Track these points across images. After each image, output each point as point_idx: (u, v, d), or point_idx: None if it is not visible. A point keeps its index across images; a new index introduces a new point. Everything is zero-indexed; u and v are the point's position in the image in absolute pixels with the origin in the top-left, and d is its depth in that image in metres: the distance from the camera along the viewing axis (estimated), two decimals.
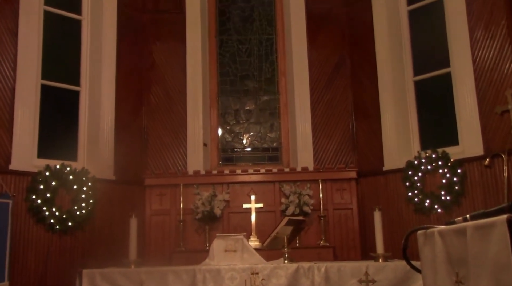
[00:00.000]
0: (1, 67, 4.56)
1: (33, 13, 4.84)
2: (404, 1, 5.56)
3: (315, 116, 5.67)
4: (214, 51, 6.04)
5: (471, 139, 4.73)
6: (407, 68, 5.45)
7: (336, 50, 5.83)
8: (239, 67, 6.06)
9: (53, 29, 5.19)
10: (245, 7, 6.21)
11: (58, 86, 5.13)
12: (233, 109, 5.98)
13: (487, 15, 4.69)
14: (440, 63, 5.20)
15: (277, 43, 6.06)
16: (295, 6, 5.90)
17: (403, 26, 5.53)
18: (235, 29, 6.15)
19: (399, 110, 5.37)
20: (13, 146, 4.50)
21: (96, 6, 5.45)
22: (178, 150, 5.56)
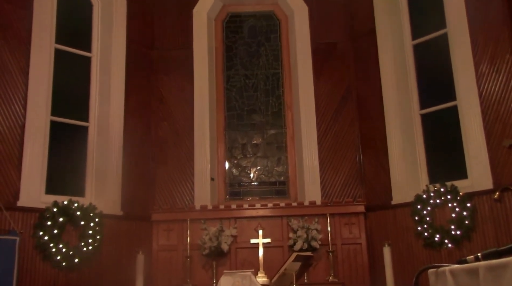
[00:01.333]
0: (12, 105, 4.64)
1: (44, 52, 4.95)
2: (409, 35, 5.63)
3: (322, 149, 5.68)
4: (221, 86, 6.11)
5: (480, 172, 4.70)
6: (414, 101, 5.47)
7: (342, 84, 5.88)
8: (246, 101, 6.12)
9: (63, 66, 5.28)
10: (251, 42, 6.31)
11: (67, 122, 5.19)
12: (240, 143, 6.00)
13: (492, 48, 4.73)
14: (446, 97, 5.22)
15: (283, 78, 6.12)
16: (301, 41, 5.99)
17: (408, 60, 5.58)
18: (242, 64, 6.24)
19: (406, 143, 5.37)
20: (22, 182, 4.53)
21: (106, 43, 5.56)
22: (185, 185, 5.56)
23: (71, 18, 5.47)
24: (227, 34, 6.29)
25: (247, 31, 6.33)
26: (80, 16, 5.58)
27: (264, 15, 6.33)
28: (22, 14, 4.85)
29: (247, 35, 6.32)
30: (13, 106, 4.64)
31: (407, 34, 5.64)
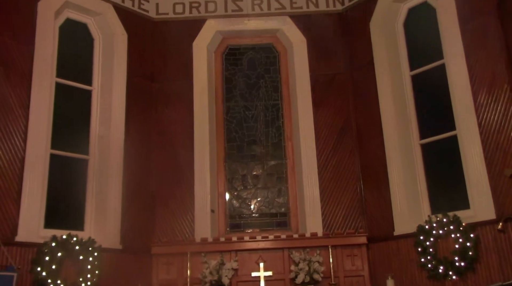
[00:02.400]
0: (12, 139, 4.64)
1: (45, 86, 4.99)
2: (407, 66, 5.68)
3: (323, 180, 5.65)
4: (221, 117, 6.13)
5: (482, 202, 4.66)
6: (413, 131, 5.48)
7: (342, 114, 5.90)
8: (246, 132, 6.12)
9: (64, 100, 5.31)
10: (251, 74, 6.36)
11: (67, 155, 5.18)
12: (241, 174, 5.98)
13: (489, 78, 4.76)
14: (445, 126, 5.22)
15: (283, 109, 6.15)
16: (300, 73, 6.04)
17: (407, 91, 5.61)
18: (241, 96, 6.27)
19: (407, 174, 5.35)
20: (20, 217, 4.50)
21: (107, 77, 5.61)
22: (185, 217, 5.52)
23: (72, 52, 5.53)
24: (227, 66, 6.35)
25: (247, 63, 6.39)
26: (81, 50, 5.65)
27: (263, 48, 6.41)
28: (24, 49, 4.91)
29: (246, 67, 6.38)
30: (13, 140, 4.65)
31: (404, 65, 5.69)
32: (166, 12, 6.21)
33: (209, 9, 6.24)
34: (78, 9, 5.55)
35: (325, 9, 6.25)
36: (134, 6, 5.98)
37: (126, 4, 5.91)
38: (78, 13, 5.59)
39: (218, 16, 6.23)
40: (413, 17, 5.74)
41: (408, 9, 5.76)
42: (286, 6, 6.25)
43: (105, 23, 5.71)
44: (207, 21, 6.21)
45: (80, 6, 5.54)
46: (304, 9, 6.24)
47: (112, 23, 5.73)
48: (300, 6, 6.25)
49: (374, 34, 5.84)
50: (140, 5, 6.05)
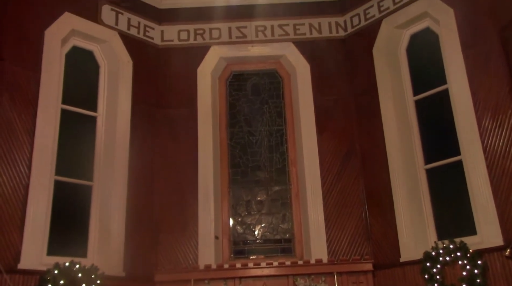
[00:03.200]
0: (17, 166, 4.65)
1: (50, 112, 5.02)
2: (410, 91, 5.69)
3: (327, 206, 5.61)
4: (225, 143, 6.13)
5: (489, 228, 4.60)
6: (418, 156, 5.45)
7: (346, 139, 5.89)
8: (250, 158, 6.11)
9: (69, 126, 5.34)
10: (255, 100, 6.39)
11: (71, 181, 5.18)
12: (245, 200, 5.95)
13: (493, 104, 4.76)
14: (450, 151, 5.20)
15: (287, 134, 6.15)
16: (303, 98, 6.06)
17: (411, 115, 5.61)
18: (245, 121, 6.29)
19: (412, 199, 5.30)
20: (24, 244, 4.47)
21: (112, 103, 5.65)
22: (189, 244, 5.47)
23: (78, 78, 5.59)
24: (231, 92, 6.38)
25: (251, 89, 6.43)
26: (87, 77, 5.70)
27: (267, 73, 6.45)
28: (31, 76, 4.97)
29: (250, 92, 6.41)
30: (18, 166, 4.66)
31: (408, 90, 5.71)
32: (171, 39, 6.29)
33: (213, 36, 6.31)
34: (84, 37, 5.63)
35: (328, 35, 6.32)
36: (139, 33, 6.06)
37: (132, 31, 5.99)
38: (84, 41, 5.67)
39: (223, 42, 6.30)
40: (415, 42, 5.79)
41: (410, 35, 5.81)
42: (289, 33, 6.32)
43: (110, 50, 5.78)
44: (212, 48, 6.27)
45: (86, 34, 5.62)
46: (307, 35, 6.30)
47: (118, 50, 5.80)
48: (303, 33, 6.32)
49: (377, 60, 5.87)
50: (145, 33, 6.13)
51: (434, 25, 5.53)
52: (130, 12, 6.01)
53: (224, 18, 6.32)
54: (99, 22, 5.72)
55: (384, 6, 5.90)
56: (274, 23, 6.36)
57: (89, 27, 5.61)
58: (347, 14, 6.28)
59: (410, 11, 5.66)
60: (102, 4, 5.79)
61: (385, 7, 5.89)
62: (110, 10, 5.84)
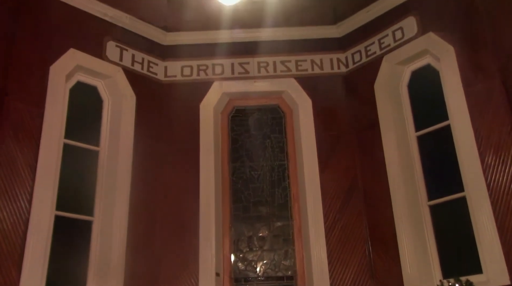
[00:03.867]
0: (18, 201, 4.62)
1: (53, 147, 5.03)
2: (412, 127, 5.70)
3: (330, 242, 5.54)
4: (227, 178, 6.11)
5: (495, 267, 4.53)
6: (421, 192, 5.42)
7: (348, 175, 5.86)
8: (252, 193, 6.08)
9: (71, 160, 5.33)
10: (257, 134, 6.40)
11: (72, 216, 5.14)
12: (246, 236, 5.88)
13: (496, 140, 4.76)
14: (454, 188, 5.16)
15: (289, 169, 6.13)
16: (306, 133, 6.08)
17: (413, 151, 5.60)
18: (247, 156, 6.29)
19: (416, 236, 5.24)
20: (21, 281, 4.39)
21: (114, 138, 5.66)
22: (189, 281, 5.37)
23: (81, 113, 5.62)
24: (233, 127, 6.41)
25: (253, 124, 6.45)
26: (90, 111, 5.74)
27: (269, 108, 6.48)
28: (34, 111, 4.99)
29: (252, 127, 6.43)
30: (19, 202, 4.63)
31: (410, 125, 5.72)
32: (174, 75, 6.35)
33: (216, 72, 6.39)
34: (89, 72, 5.69)
35: (329, 71, 6.39)
36: (143, 69, 6.14)
37: (136, 67, 6.07)
38: (89, 76, 5.72)
39: (225, 78, 6.36)
40: (416, 79, 5.84)
41: (411, 72, 5.87)
42: (291, 69, 6.39)
43: (114, 85, 5.84)
44: (214, 83, 6.34)
45: (91, 70, 5.68)
46: (309, 71, 6.37)
47: (121, 86, 5.86)
48: (305, 69, 6.39)
49: (379, 96, 5.91)
50: (149, 68, 6.20)
51: (434, 62, 5.59)
52: (134, 48, 6.11)
53: (227, 54, 6.40)
54: (104, 58, 5.79)
55: (384, 43, 5.98)
56: (276, 59, 6.44)
57: (93, 63, 5.68)
58: (348, 50, 6.36)
59: (411, 48, 5.73)
60: (107, 40, 5.88)
61: (385, 44, 5.97)
62: (115, 47, 5.92)
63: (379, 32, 6.05)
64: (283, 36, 6.49)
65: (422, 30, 5.64)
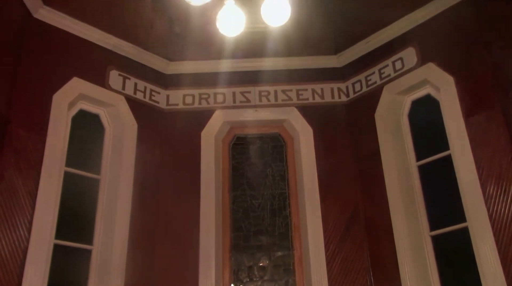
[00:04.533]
0: (17, 230, 4.59)
1: (54, 175, 5.02)
2: (413, 156, 5.70)
3: (331, 272, 5.47)
4: (228, 206, 6.08)
5: None
6: (423, 222, 5.38)
7: (349, 204, 5.83)
8: (253, 222, 6.04)
9: (71, 188, 5.32)
10: (258, 163, 6.40)
11: (71, 245, 5.10)
12: (247, 266, 5.82)
13: (497, 171, 4.74)
14: (456, 218, 5.12)
15: (290, 198, 6.11)
16: (307, 162, 6.07)
17: (415, 181, 5.58)
18: (248, 185, 6.27)
19: (418, 266, 5.17)
20: None
21: (115, 166, 5.67)
22: None
23: (83, 141, 5.64)
24: (234, 155, 6.41)
25: (254, 152, 6.45)
26: (91, 139, 5.75)
27: (270, 137, 6.50)
28: (36, 139, 5.01)
29: (253, 156, 6.43)
30: (18, 230, 4.60)
31: (411, 155, 5.71)
32: (176, 103, 6.40)
33: (218, 101, 6.43)
34: (91, 101, 5.74)
35: (330, 100, 6.43)
36: (145, 97, 6.18)
37: (138, 95, 6.12)
38: (91, 105, 5.77)
39: (227, 107, 6.40)
40: (417, 108, 5.86)
41: (411, 101, 5.90)
42: (292, 98, 6.43)
43: (116, 114, 5.88)
44: (216, 112, 6.37)
45: (93, 98, 5.73)
46: (310, 101, 6.41)
47: (123, 114, 5.90)
48: (306, 98, 6.43)
49: (379, 125, 5.93)
50: (151, 97, 6.25)
51: (434, 92, 5.63)
52: (137, 77, 6.17)
53: (228, 83, 6.46)
54: (107, 87, 5.85)
55: (385, 73, 6.04)
56: (277, 88, 6.49)
57: (96, 91, 5.72)
58: (348, 80, 6.42)
59: (411, 78, 5.78)
60: (111, 69, 5.94)
61: (386, 74, 6.03)
62: (117, 75, 5.99)
63: (379, 62, 6.11)
64: (284, 66, 6.55)
65: (422, 61, 5.70)
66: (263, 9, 3.63)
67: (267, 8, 3.63)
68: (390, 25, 6.02)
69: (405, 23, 5.89)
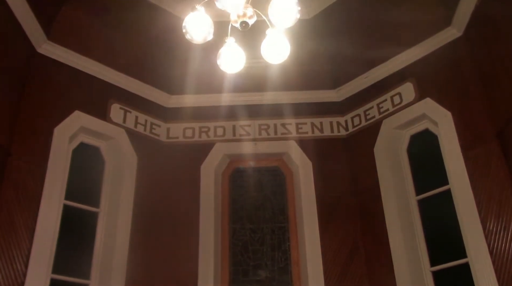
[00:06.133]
0: (14, 263, 4.55)
1: (53, 208, 5.01)
2: (413, 190, 5.69)
3: None
4: (227, 240, 6.04)
5: None
6: (423, 257, 5.34)
7: (349, 238, 5.79)
8: (252, 256, 5.99)
9: (70, 222, 5.30)
10: (257, 196, 6.39)
11: (67, 280, 5.04)
12: None
13: (496, 206, 4.73)
14: (456, 253, 5.08)
15: (289, 232, 6.07)
16: (306, 195, 6.06)
17: (414, 215, 5.57)
18: (247, 218, 6.24)
19: None
20: None
21: (114, 199, 5.67)
22: None
23: (83, 174, 5.64)
24: (233, 188, 6.40)
25: (253, 185, 6.45)
26: (91, 172, 5.76)
27: (270, 170, 6.51)
28: (36, 172, 5.02)
29: (253, 189, 6.42)
30: (15, 264, 4.56)
31: (410, 189, 5.71)
32: (176, 136, 6.44)
33: (217, 134, 6.47)
34: (92, 134, 5.77)
35: (329, 134, 6.46)
36: (145, 130, 6.22)
37: (138, 129, 6.16)
38: (92, 138, 5.80)
39: (226, 140, 6.44)
40: (415, 143, 5.90)
41: (410, 136, 5.94)
42: (292, 131, 6.48)
43: (117, 147, 5.91)
44: (216, 145, 6.40)
45: (94, 131, 5.77)
46: (309, 134, 6.45)
47: (124, 147, 5.93)
48: (305, 131, 6.48)
49: (378, 159, 5.95)
50: (151, 130, 6.29)
51: (433, 126, 5.67)
52: (138, 110, 6.22)
53: (228, 117, 6.53)
54: (108, 120, 5.90)
55: (383, 107, 6.10)
56: (277, 122, 6.54)
57: (97, 124, 5.77)
58: (347, 114, 6.48)
59: (409, 113, 5.83)
60: (112, 103, 6.01)
61: (384, 108, 6.09)
62: (119, 109, 6.04)
63: (378, 97, 6.18)
64: (283, 100, 6.62)
65: (420, 96, 5.76)
66: (263, 47, 3.69)
67: (266, 46, 3.69)
68: (388, 61, 6.13)
69: (403, 59, 6.00)
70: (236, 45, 3.87)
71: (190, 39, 3.64)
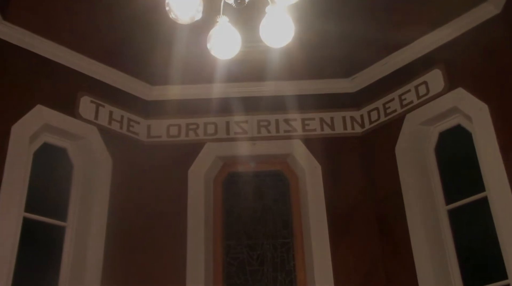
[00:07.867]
0: None
1: (11, 222, 4.94)
2: (442, 198, 5.65)
3: None
4: (220, 258, 6.01)
5: None
6: (455, 279, 5.28)
7: (366, 256, 5.77)
8: (250, 278, 5.96)
9: (32, 237, 5.23)
10: (256, 206, 6.36)
11: None
12: None
13: None
14: (494, 274, 5.03)
15: (294, 249, 6.04)
16: (315, 205, 6.02)
17: (444, 228, 5.53)
18: (245, 232, 6.22)
19: None
20: None
21: (85, 210, 5.61)
22: None
23: (47, 180, 5.58)
24: (228, 197, 6.38)
25: (251, 193, 6.42)
26: (57, 178, 5.71)
27: (271, 175, 6.48)
28: None
29: (251, 197, 6.40)
30: None
31: (439, 197, 5.67)
32: (159, 135, 6.40)
33: (208, 132, 6.43)
34: (57, 132, 5.71)
35: (342, 131, 6.43)
36: (122, 128, 6.17)
37: (113, 126, 6.10)
38: (57, 137, 5.74)
39: (219, 139, 6.40)
40: (445, 141, 5.85)
41: (439, 133, 5.89)
42: (297, 129, 6.44)
43: (87, 147, 5.85)
44: (206, 145, 6.36)
45: (60, 129, 5.70)
46: (318, 132, 6.41)
47: (96, 148, 5.87)
48: (313, 129, 6.43)
49: (401, 161, 5.91)
50: (129, 127, 6.24)
51: (466, 122, 5.63)
52: (112, 104, 6.16)
53: (221, 111, 6.49)
54: (76, 116, 5.83)
55: (406, 99, 6.05)
56: (279, 117, 6.51)
57: (64, 121, 5.70)
58: (364, 108, 6.43)
59: (437, 106, 5.78)
60: (81, 95, 5.94)
61: (408, 101, 6.04)
62: (89, 103, 5.98)
63: (400, 87, 6.14)
64: (287, 91, 6.58)
65: (450, 85, 5.71)
66: (262, 28, 3.63)
67: (266, 27, 3.63)
68: (412, 43, 6.08)
69: (430, 41, 5.94)
70: (230, 26, 3.82)
71: (174, 19, 3.59)
